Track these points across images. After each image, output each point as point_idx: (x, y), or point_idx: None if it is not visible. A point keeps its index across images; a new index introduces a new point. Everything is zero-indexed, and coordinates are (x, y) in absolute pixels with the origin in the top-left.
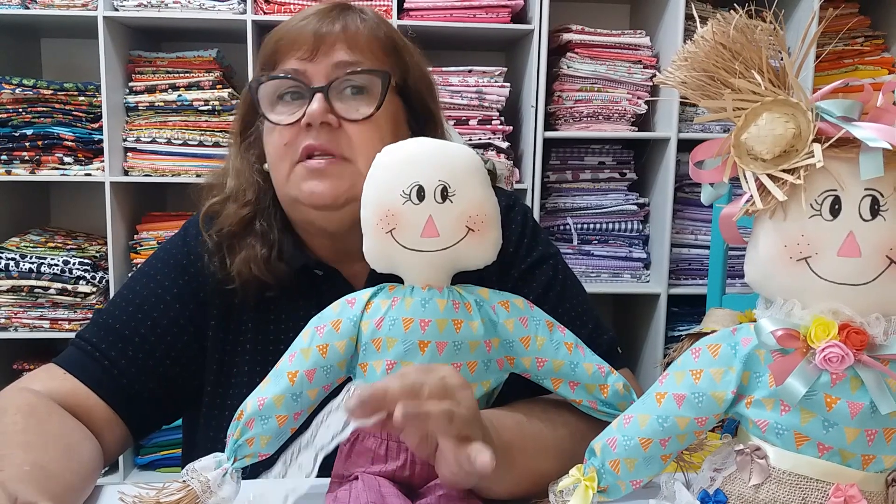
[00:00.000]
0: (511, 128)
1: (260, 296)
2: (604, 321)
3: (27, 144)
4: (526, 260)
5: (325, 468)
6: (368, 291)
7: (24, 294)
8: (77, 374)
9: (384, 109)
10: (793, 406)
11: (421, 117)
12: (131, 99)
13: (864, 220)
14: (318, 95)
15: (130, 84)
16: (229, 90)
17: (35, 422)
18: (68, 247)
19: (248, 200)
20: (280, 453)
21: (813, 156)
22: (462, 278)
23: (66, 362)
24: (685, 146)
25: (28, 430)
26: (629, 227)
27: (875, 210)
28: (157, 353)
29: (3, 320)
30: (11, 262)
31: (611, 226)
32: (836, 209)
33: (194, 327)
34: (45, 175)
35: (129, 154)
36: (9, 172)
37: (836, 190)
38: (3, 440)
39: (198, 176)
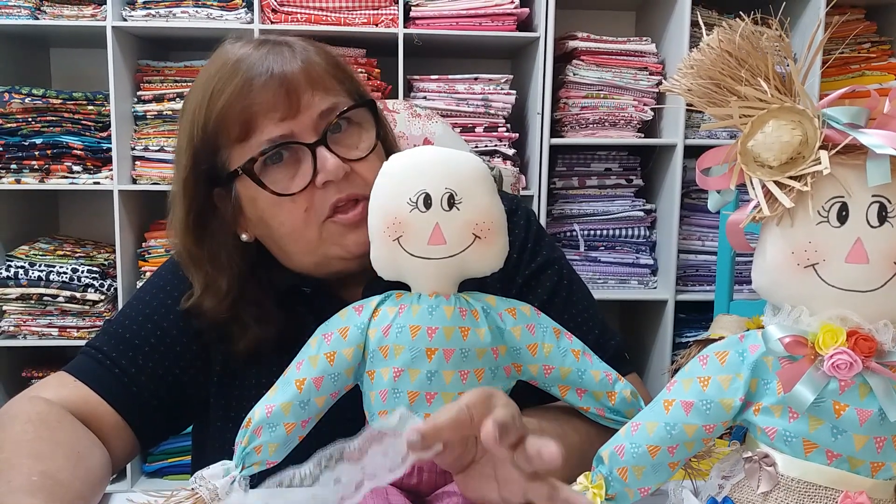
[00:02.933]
0: (517, 135)
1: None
2: (610, 325)
3: (36, 153)
4: (530, 265)
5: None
6: (375, 299)
7: (32, 302)
8: (87, 382)
9: (375, 132)
10: (801, 413)
11: (382, 128)
12: (139, 108)
13: (872, 226)
14: (324, 150)
15: (139, 93)
16: None
17: (45, 431)
18: (77, 255)
19: (226, 290)
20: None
21: (820, 162)
22: (464, 284)
23: (76, 370)
24: (692, 152)
25: (38, 439)
26: (636, 233)
27: (883, 217)
28: (166, 362)
29: (12, 328)
30: (21, 271)
31: (618, 232)
32: (843, 216)
33: (202, 339)
34: (54, 184)
35: (137, 162)
36: (18, 181)
37: (843, 196)
38: (13, 449)
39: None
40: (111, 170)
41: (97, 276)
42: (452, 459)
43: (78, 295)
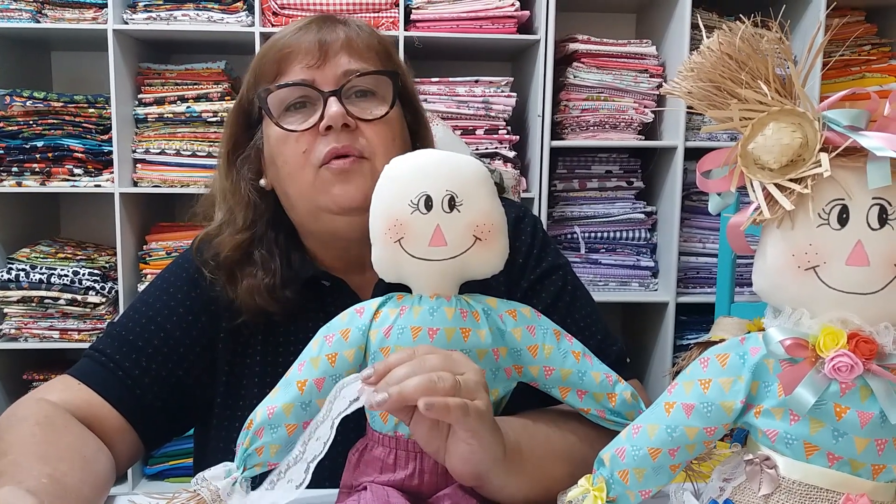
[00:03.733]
0: (518, 137)
1: (268, 317)
2: (612, 332)
3: (38, 156)
4: (535, 270)
5: (334, 478)
6: (377, 301)
7: (34, 305)
8: (91, 385)
9: (394, 108)
10: (802, 416)
11: (413, 117)
12: (140, 111)
13: (873, 228)
14: (333, 99)
15: (140, 96)
16: None
17: (53, 434)
18: (78, 257)
19: (244, 225)
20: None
21: (820, 165)
22: (471, 289)
23: (80, 373)
24: (692, 154)
25: (46, 442)
26: (637, 235)
27: (883, 219)
28: (169, 363)
29: (13, 331)
30: (22, 273)
31: (618, 234)
32: (843, 218)
33: (205, 339)
34: (56, 186)
35: (138, 165)
36: (19, 184)
37: (843, 199)
38: (22, 451)
39: (206, 187)
40: (112, 172)
41: (98, 278)
42: (427, 430)
43: (79, 297)
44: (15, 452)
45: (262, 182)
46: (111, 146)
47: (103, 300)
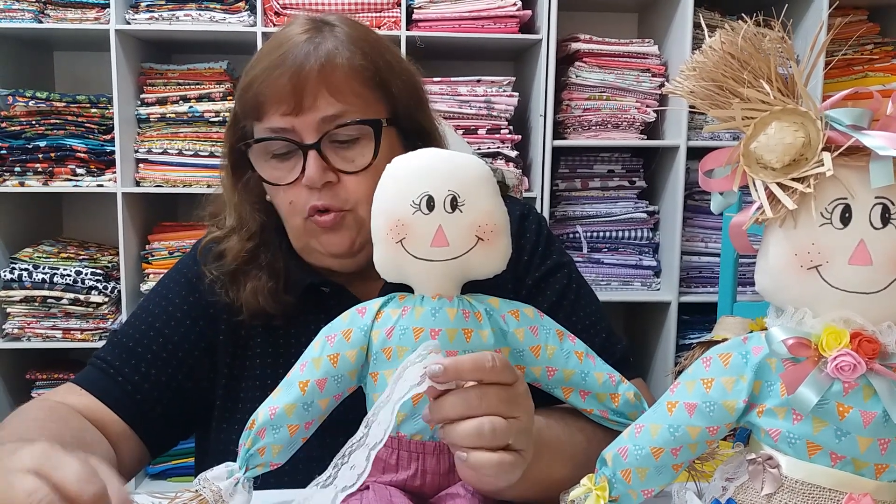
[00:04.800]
0: (520, 137)
1: (268, 319)
2: (616, 330)
3: (40, 156)
4: (540, 268)
5: None
6: (378, 301)
7: (36, 304)
8: (93, 391)
9: (379, 152)
10: (805, 415)
11: (415, 135)
12: (143, 111)
13: (875, 228)
14: (313, 154)
15: (142, 96)
16: None
17: (56, 418)
18: (80, 257)
19: (253, 233)
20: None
21: (823, 164)
22: (477, 287)
23: (83, 381)
24: (695, 154)
25: (49, 420)
26: (639, 234)
27: (886, 218)
28: (168, 368)
29: (16, 330)
30: (24, 273)
31: (620, 234)
32: (846, 217)
33: (205, 343)
34: (58, 186)
35: (140, 165)
36: (22, 184)
37: (846, 198)
38: (25, 426)
39: (209, 186)
40: (115, 172)
41: (101, 278)
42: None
43: (81, 297)
44: (17, 427)
45: (268, 197)
46: (114, 146)
47: (106, 300)
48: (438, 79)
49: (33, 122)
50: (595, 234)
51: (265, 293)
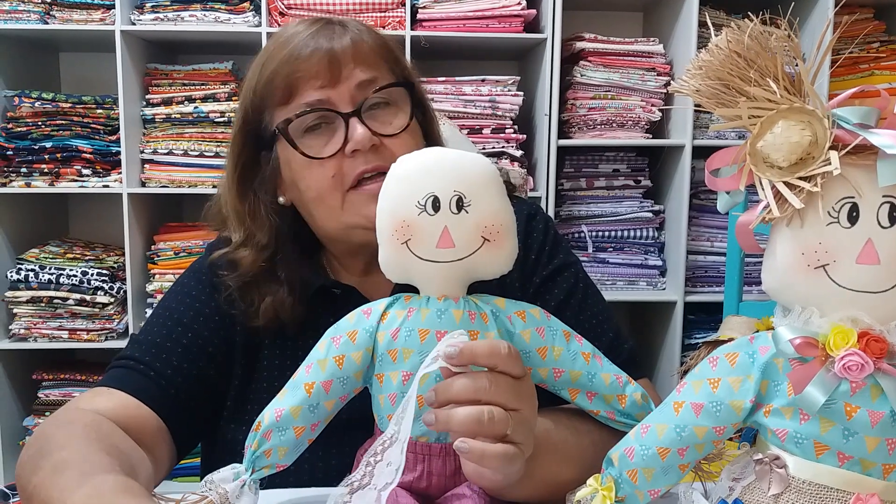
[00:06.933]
0: (524, 136)
1: (281, 326)
2: (623, 330)
3: (46, 157)
4: (548, 267)
5: (342, 478)
6: (384, 302)
7: (43, 305)
8: (126, 390)
9: (409, 113)
10: (812, 415)
11: (422, 111)
12: (148, 111)
13: (883, 227)
14: (355, 120)
15: (147, 96)
16: None
17: (103, 434)
18: (87, 258)
19: (265, 244)
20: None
21: (830, 163)
22: (484, 286)
23: (113, 381)
24: (700, 153)
25: (99, 439)
26: (644, 234)
27: (893, 217)
28: (200, 362)
29: (22, 331)
30: (31, 274)
31: (626, 233)
32: (853, 216)
33: (226, 344)
34: (64, 187)
35: (146, 165)
36: (28, 185)
37: (853, 197)
38: (82, 444)
39: (214, 186)
40: (120, 173)
41: (107, 278)
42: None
43: (88, 298)
44: (74, 447)
45: (282, 200)
46: (119, 147)
47: (112, 300)
48: (443, 78)
49: (39, 123)
50: (600, 233)
51: (285, 307)
